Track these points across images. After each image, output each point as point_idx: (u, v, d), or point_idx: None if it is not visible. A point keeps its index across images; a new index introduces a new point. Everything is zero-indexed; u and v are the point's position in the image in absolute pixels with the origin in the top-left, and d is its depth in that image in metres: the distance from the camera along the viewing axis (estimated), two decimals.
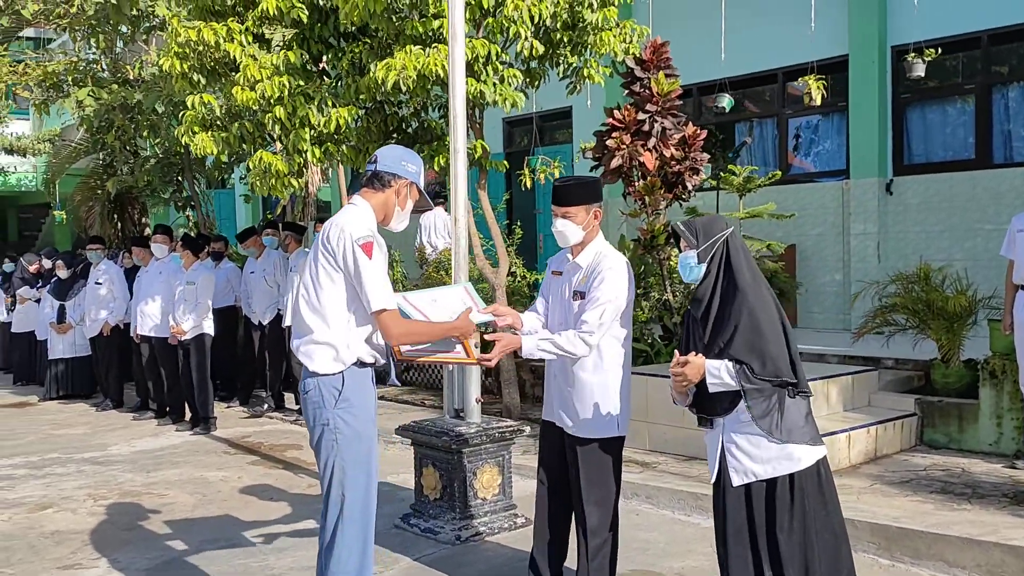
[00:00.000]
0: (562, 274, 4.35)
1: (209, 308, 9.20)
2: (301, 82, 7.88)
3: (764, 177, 8.97)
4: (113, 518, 6.20)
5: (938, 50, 9.78)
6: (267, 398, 10.07)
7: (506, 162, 8.78)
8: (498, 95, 7.37)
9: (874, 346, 8.06)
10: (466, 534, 5.44)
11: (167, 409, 9.77)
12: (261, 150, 8.09)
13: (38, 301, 12.75)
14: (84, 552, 5.49)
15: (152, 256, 9.75)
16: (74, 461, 7.99)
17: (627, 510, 6.02)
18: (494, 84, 7.34)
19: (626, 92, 8.09)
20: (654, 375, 7.24)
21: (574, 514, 4.28)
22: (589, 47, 7.79)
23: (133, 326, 9.87)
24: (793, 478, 3.45)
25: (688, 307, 3.72)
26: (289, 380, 9.90)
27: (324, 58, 8.40)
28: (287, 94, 7.67)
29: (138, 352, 9.99)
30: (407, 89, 7.19)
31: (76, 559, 5.38)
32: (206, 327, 9.23)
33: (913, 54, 9.88)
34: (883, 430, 6.95)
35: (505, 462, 5.72)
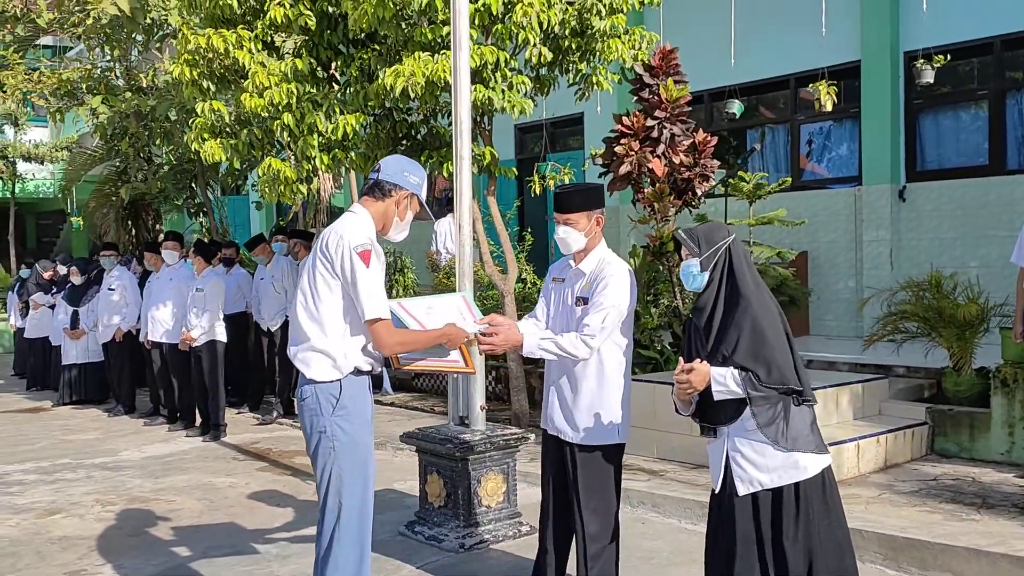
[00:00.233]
0: (564, 280, 4.34)
1: (219, 314, 9.19)
2: (311, 89, 7.90)
3: (775, 184, 8.93)
4: (120, 524, 6.23)
5: (947, 56, 9.71)
6: (277, 404, 10.09)
7: (515, 169, 8.77)
8: (507, 102, 7.37)
9: (886, 354, 8.00)
10: (470, 542, 5.42)
11: (178, 415, 9.80)
12: (270, 157, 8.12)
13: (52, 307, 12.84)
14: (90, 558, 5.51)
15: (162, 262, 9.80)
16: (84, 467, 8.02)
17: (633, 518, 6.00)
18: (503, 91, 7.35)
19: (635, 98, 8.07)
20: (662, 382, 7.20)
21: (575, 521, 4.26)
22: (598, 54, 7.78)
23: (144, 332, 9.92)
24: (798, 487, 3.41)
25: (690, 315, 3.69)
26: None
27: (333, 65, 8.42)
28: (295, 101, 7.69)
29: (150, 358, 10.03)
30: (416, 96, 7.20)
31: (82, 565, 5.40)
32: (218, 334, 9.23)
33: (922, 60, 9.82)
34: (893, 439, 6.89)
35: (510, 470, 5.70)
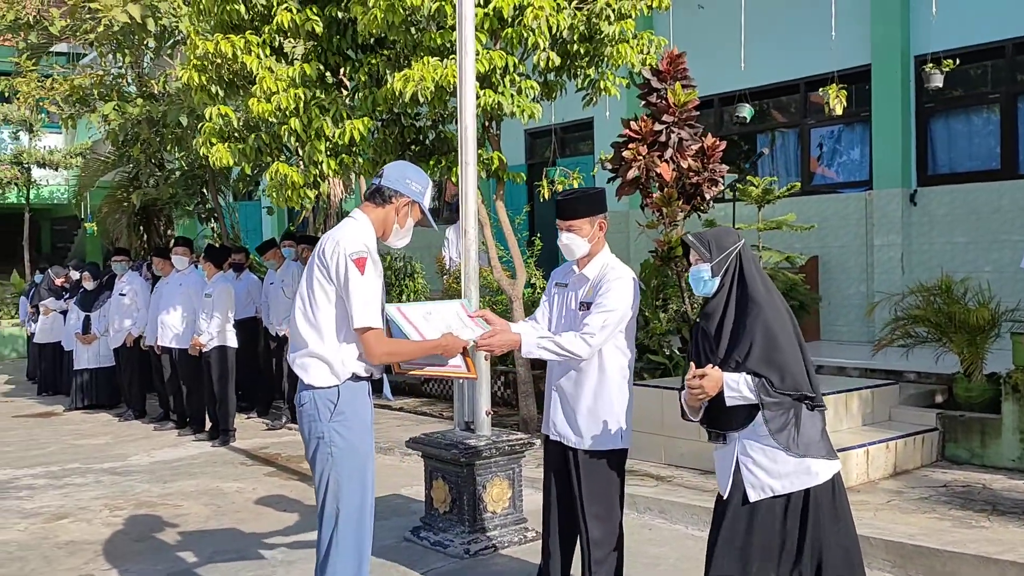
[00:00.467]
0: (567, 286, 4.33)
1: (227, 320, 9.21)
2: (319, 94, 7.92)
3: (783, 188, 8.88)
4: (127, 529, 6.24)
5: (956, 60, 9.64)
6: (285, 410, 10.09)
7: (524, 174, 8.77)
8: (516, 106, 7.36)
9: (896, 359, 7.94)
10: (475, 548, 5.40)
11: (187, 420, 9.82)
12: (277, 162, 8.13)
13: (65, 313, 12.91)
14: (96, 563, 5.52)
15: (172, 268, 9.83)
16: (93, 471, 8.05)
17: (639, 524, 5.97)
18: (512, 95, 7.34)
19: (643, 103, 8.05)
20: (670, 388, 7.17)
21: (579, 527, 4.24)
22: (606, 59, 7.77)
23: (152, 337, 9.95)
24: (809, 493, 3.39)
25: (698, 320, 3.66)
26: None
27: (342, 70, 8.44)
28: (302, 106, 7.71)
29: (159, 363, 10.06)
30: (425, 100, 7.20)
31: (88, 569, 5.41)
32: (228, 339, 9.25)
33: (931, 64, 9.76)
34: (903, 445, 6.83)
35: (515, 475, 5.68)
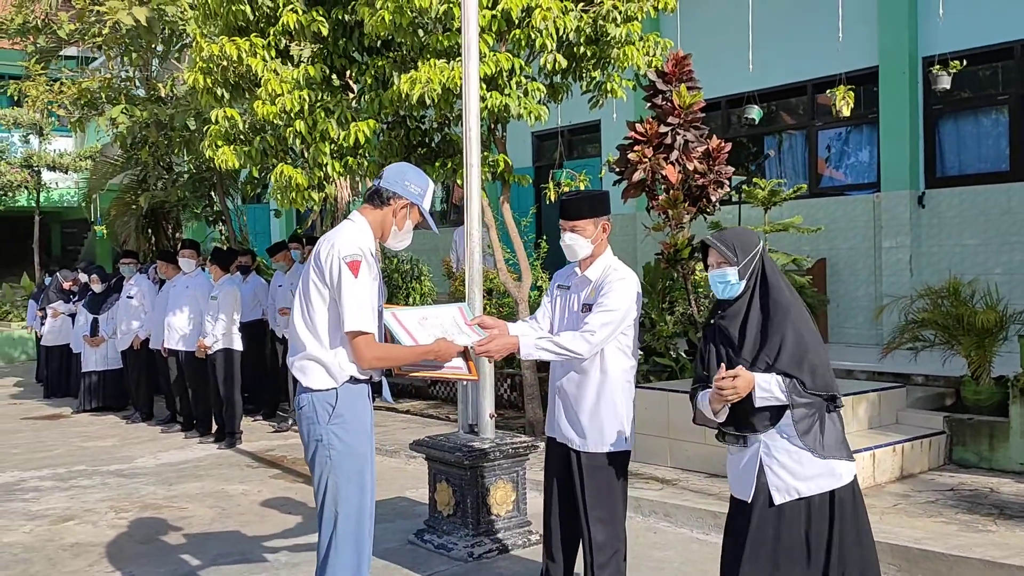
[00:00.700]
0: (570, 288, 4.31)
1: (232, 322, 9.21)
2: (325, 96, 7.92)
3: (790, 190, 8.84)
4: (132, 531, 6.24)
5: (963, 61, 9.58)
6: (291, 412, 10.10)
7: (530, 176, 8.75)
8: (522, 108, 7.35)
9: (904, 362, 7.89)
10: (479, 551, 5.38)
11: (194, 422, 9.84)
12: (282, 164, 8.13)
13: (72, 316, 12.94)
14: (100, 565, 5.52)
15: (177, 270, 9.85)
16: (100, 473, 8.06)
17: (644, 528, 5.95)
18: (518, 97, 7.33)
19: (648, 105, 8.04)
20: (675, 391, 7.15)
21: (582, 530, 4.22)
22: (613, 61, 7.75)
23: (158, 339, 9.97)
24: (833, 494, 3.37)
25: (710, 322, 3.60)
26: None
27: (348, 73, 8.44)
28: (307, 108, 7.71)
29: (166, 365, 10.08)
30: (431, 102, 7.19)
31: (92, 572, 5.41)
32: (234, 342, 9.25)
33: (938, 66, 9.71)
34: (910, 448, 6.79)
35: (519, 478, 5.66)
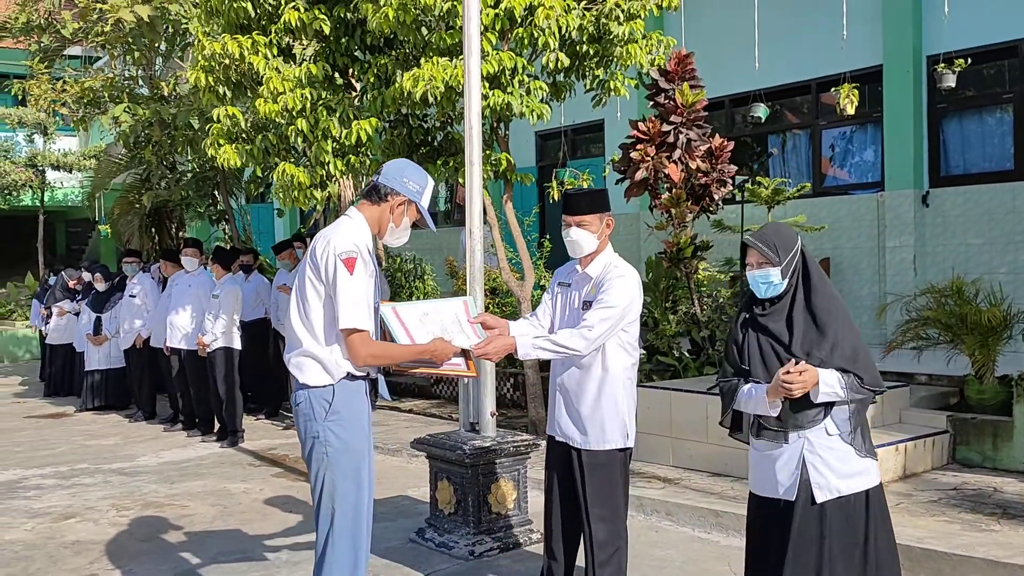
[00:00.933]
0: (570, 285, 4.30)
1: (233, 322, 9.20)
2: (327, 94, 7.90)
3: (793, 189, 8.82)
4: (133, 529, 6.24)
5: (967, 60, 9.55)
6: None
7: (532, 175, 8.73)
8: (525, 107, 7.33)
9: (907, 361, 7.86)
10: (480, 549, 5.37)
11: (196, 420, 9.83)
12: (284, 162, 8.12)
13: (77, 314, 12.95)
14: (101, 563, 5.52)
15: (178, 269, 9.85)
16: (102, 471, 8.06)
17: (646, 527, 5.93)
18: (521, 95, 7.31)
19: (651, 104, 8.02)
20: (679, 390, 7.13)
21: (583, 528, 4.20)
22: (616, 60, 7.72)
23: (161, 338, 9.97)
24: (868, 493, 3.36)
25: (746, 318, 3.55)
26: None
27: (350, 71, 8.43)
28: (309, 106, 7.70)
29: (168, 364, 10.08)
30: (434, 100, 7.18)
31: (92, 569, 5.41)
32: (233, 341, 9.24)
33: (943, 64, 9.68)
34: (913, 447, 6.76)
35: (520, 476, 5.65)
